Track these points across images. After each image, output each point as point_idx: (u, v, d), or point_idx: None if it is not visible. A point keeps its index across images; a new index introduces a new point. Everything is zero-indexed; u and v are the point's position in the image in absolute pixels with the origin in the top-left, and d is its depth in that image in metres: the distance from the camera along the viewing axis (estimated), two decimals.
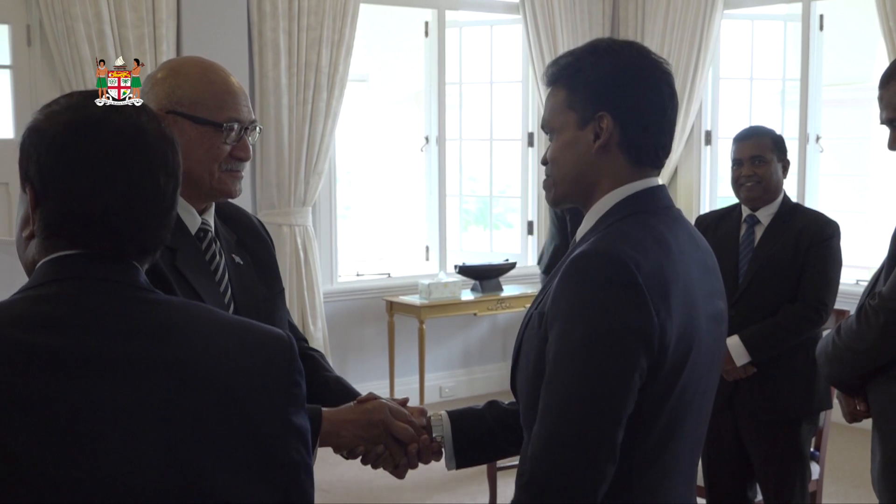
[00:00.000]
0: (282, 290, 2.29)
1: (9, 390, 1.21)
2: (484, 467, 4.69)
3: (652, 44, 7.03)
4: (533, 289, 6.86)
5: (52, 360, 1.24)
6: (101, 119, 1.34)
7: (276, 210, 5.98)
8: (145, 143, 1.35)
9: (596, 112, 1.73)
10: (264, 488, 1.33)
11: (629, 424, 1.60)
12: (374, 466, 2.17)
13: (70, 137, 1.32)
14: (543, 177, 1.85)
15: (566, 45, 6.99)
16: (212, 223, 2.12)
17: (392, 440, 2.15)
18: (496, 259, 6.90)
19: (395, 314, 6.41)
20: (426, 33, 6.94)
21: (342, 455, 2.17)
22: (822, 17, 6.48)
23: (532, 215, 7.34)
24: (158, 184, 1.35)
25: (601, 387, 1.56)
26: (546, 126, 1.82)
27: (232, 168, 2.04)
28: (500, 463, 4.73)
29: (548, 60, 6.90)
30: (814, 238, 3.55)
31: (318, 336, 6.07)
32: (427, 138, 6.96)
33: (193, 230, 2.07)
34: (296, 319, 6.00)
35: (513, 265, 6.76)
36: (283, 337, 1.40)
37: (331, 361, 6.52)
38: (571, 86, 1.76)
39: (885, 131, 2.51)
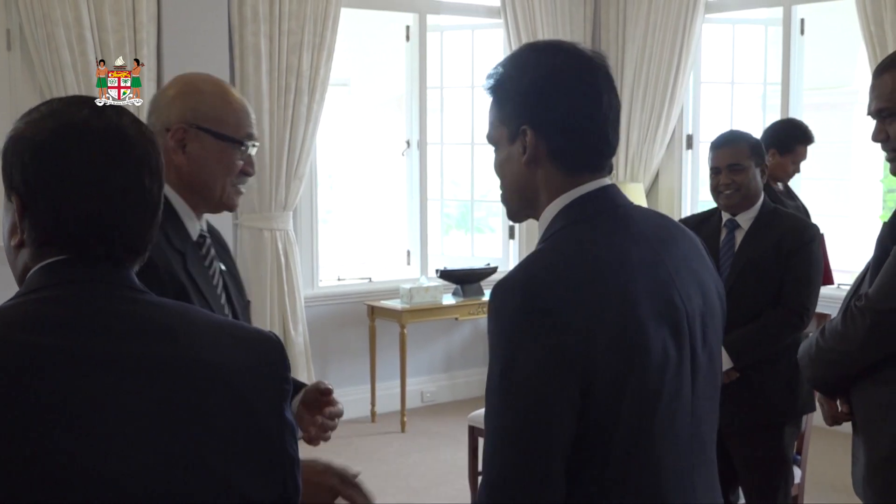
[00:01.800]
0: (249, 302, 2.38)
1: (18, 391, 1.22)
2: (465, 470, 4.68)
3: (633, 47, 7.05)
4: None
5: (60, 360, 1.25)
6: (84, 123, 1.35)
7: (256, 214, 5.95)
8: (129, 145, 1.36)
9: (520, 126, 1.69)
10: (265, 482, 1.35)
11: (586, 445, 1.57)
12: None
13: (54, 143, 1.33)
14: None
15: None
16: (206, 229, 2.21)
17: None
18: (477, 263, 6.89)
19: (377, 319, 6.39)
20: (407, 37, 6.93)
21: None
22: (803, 21, 6.51)
23: None
24: (144, 184, 1.36)
25: (523, 418, 1.55)
26: (488, 140, 1.79)
27: (240, 183, 2.16)
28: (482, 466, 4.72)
29: None
30: (794, 242, 3.55)
31: (300, 341, 6.04)
32: (408, 142, 6.95)
33: (195, 236, 2.15)
34: (277, 324, 5.99)
35: (494, 269, 6.76)
36: (273, 336, 1.44)
37: (312, 366, 6.52)
38: (499, 100, 1.74)
39: (868, 132, 2.51)
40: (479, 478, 1.69)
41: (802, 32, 6.53)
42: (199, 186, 2.12)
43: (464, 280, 6.57)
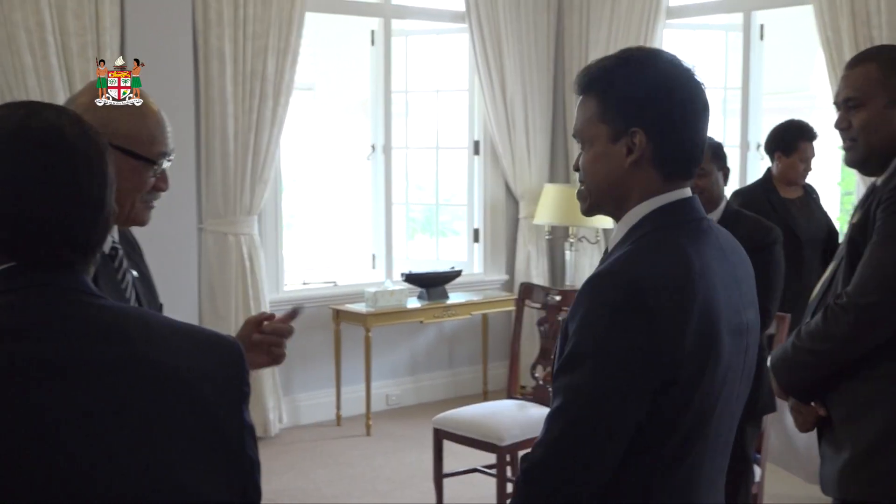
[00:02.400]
0: (161, 305, 2.36)
1: None
2: (430, 473, 4.70)
3: (596, 53, 7.10)
4: (479, 296, 6.89)
5: (15, 367, 1.25)
6: (20, 126, 1.34)
7: (221, 219, 5.94)
8: (66, 146, 1.34)
9: (629, 128, 1.75)
10: (227, 485, 1.36)
11: (646, 433, 1.68)
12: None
13: None
14: (492, 185, 1.89)
15: (512, 53, 7.05)
16: (118, 240, 2.18)
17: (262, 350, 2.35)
18: (442, 267, 6.91)
19: (342, 322, 6.39)
20: (372, 42, 6.95)
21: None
22: (762, 26, 6.60)
23: (478, 223, 7.37)
24: (82, 184, 1.34)
25: (597, 398, 1.66)
26: (577, 136, 1.84)
27: (150, 200, 2.10)
28: (447, 469, 4.75)
29: (494, 69, 6.97)
30: (756, 244, 3.59)
31: None
32: (373, 146, 6.96)
33: (107, 249, 2.12)
34: None
35: (459, 273, 6.79)
36: (231, 340, 1.44)
37: (276, 370, 6.50)
38: (603, 98, 1.78)
39: (825, 135, 2.59)
40: (519, 462, 1.80)
41: (762, 38, 6.62)
42: None
43: (429, 283, 6.59)
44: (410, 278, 6.56)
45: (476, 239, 7.41)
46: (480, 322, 7.06)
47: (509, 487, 4.59)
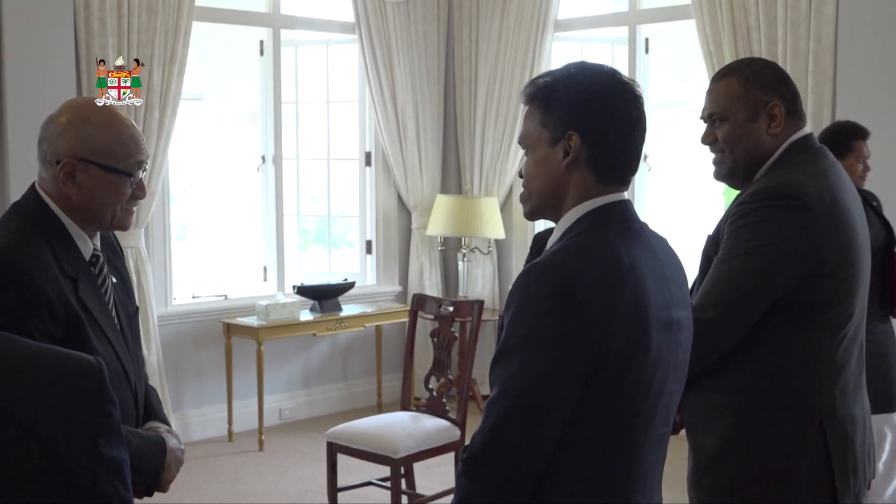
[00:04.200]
0: (138, 309, 2.52)
1: None
2: (324, 487, 4.66)
3: (486, 65, 7.17)
4: (372, 308, 6.86)
5: None
6: None
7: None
8: None
9: (566, 131, 1.87)
10: None
11: (578, 423, 1.77)
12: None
13: None
14: (385, 196, 1.92)
15: (402, 64, 7.06)
16: (99, 246, 2.33)
17: None
18: (335, 279, 6.87)
19: (233, 336, 6.30)
20: (261, 52, 6.88)
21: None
22: (647, 40, 6.75)
23: (371, 234, 7.35)
24: None
25: (529, 386, 1.74)
26: (522, 142, 1.96)
27: (130, 207, 2.29)
28: (341, 482, 4.71)
29: (384, 80, 6.97)
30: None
31: (153, 361, 5.90)
32: (263, 158, 6.89)
33: (87, 256, 2.27)
34: None
35: (352, 284, 6.76)
36: (91, 364, 1.36)
37: (166, 387, 6.38)
38: (545, 106, 1.90)
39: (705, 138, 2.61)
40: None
41: (647, 51, 6.77)
42: (90, 213, 2.24)
43: (321, 296, 6.55)
44: (303, 290, 6.51)
45: (369, 250, 7.38)
46: (374, 334, 7.03)
47: (404, 500, 4.58)
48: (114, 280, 2.36)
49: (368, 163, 7.30)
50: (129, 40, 5.72)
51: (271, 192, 6.90)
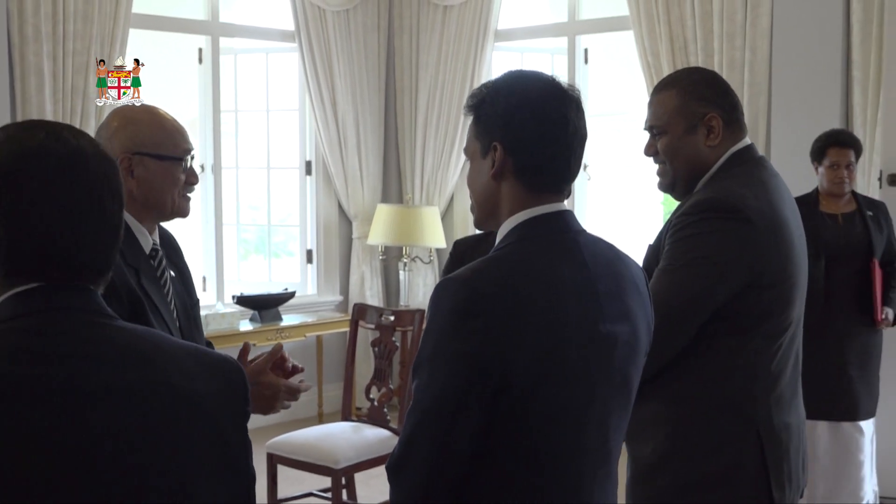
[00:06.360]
0: (198, 301, 2.68)
1: (5, 422, 1.23)
2: (265, 498, 4.61)
3: (426, 75, 7.18)
4: (313, 318, 6.83)
5: (39, 390, 1.26)
6: (42, 148, 1.35)
7: None
8: (87, 168, 1.36)
9: (491, 142, 1.86)
10: (229, 498, 1.41)
11: (493, 436, 1.76)
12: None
13: (12, 170, 1.33)
14: (325, 205, 1.93)
15: (343, 73, 7.04)
16: (158, 241, 2.45)
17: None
18: (275, 288, 6.83)
19: None
20: (200, 60, 6.83)
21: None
22: (586, 50, 6.82)
23: (311, 244, 7.31)
24: (104, 206, 1.37)
25: (434, 400, 1.75)
26: (465, 153, 1.96)
27: (186, 193, 2.45)
28: (281, 494, 4.68)
29: (325, 89, 6.95)
30: None
31: None
32: (203, 166, 6.83)
33: (147, 250, 2.39)
34: None
35: (292, 294, 6.72)
36: (234, 362, 1.49)
37: None
38: (476, 117, 1.90)
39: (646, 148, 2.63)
40: None
41: (586, 61, 6.83)
42: (152, 203, 2.38)
43: (261, 305, 6.50)
44: (242, 300, 6.46)
45: (309, 260, 7.35)
46: (315, 344, 6.99)
47: None
48: (172, 273, 2.49)
49: (309, 172, 7.27)
50: (64, 47, 5.64)
51: (210, 201, 6.84)
